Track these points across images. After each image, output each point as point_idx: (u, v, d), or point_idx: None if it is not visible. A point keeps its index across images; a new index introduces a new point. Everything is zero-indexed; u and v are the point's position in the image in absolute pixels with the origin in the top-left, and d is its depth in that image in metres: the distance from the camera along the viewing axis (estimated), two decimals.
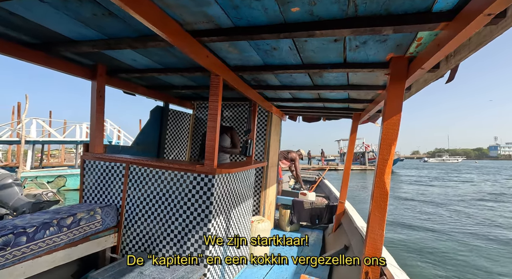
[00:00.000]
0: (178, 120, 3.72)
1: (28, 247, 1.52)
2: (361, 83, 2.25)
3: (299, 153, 6.04)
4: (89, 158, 2.32)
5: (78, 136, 13.04)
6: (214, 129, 1.91)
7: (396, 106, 1.54)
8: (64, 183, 11.05)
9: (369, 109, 2.89)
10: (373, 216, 1.54)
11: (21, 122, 11.45)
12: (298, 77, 2.28)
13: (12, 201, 3.40)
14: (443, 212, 8.92)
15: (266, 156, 3.52)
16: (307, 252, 3.15)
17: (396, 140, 1.55)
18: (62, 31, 1.65)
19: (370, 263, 1.52)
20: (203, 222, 1.90)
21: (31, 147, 12.12)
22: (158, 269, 1.76)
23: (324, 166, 27.60)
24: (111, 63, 2.28)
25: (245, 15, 1.31)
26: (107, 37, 1.69)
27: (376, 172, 1.55)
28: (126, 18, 1.43)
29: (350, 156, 3.51)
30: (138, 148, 3.12)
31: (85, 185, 2.34)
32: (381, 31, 1.19)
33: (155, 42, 1.63)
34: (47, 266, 1.64)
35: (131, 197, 2.14)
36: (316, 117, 4.21)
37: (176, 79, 2.72)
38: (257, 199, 3.46)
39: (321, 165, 28.28)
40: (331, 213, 3.78)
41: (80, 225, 1.84)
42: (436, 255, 5.01)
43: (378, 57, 1.64)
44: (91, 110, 2.36)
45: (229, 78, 2.08)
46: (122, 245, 2.14)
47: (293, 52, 1.72)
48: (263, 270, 2.58)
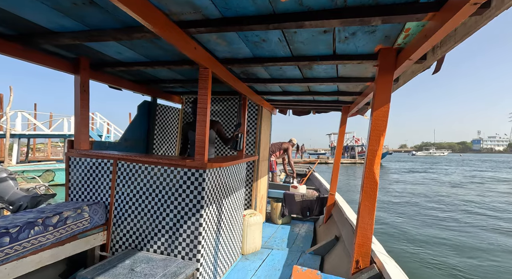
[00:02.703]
0: (166, 115, 3.65)
1: (11, 248, 1.46)
2: (350, 75, 2.26)
3: (292, 143, 6.07)
4: (75, 155, 2.25)
5: (66, 130, 12.63)
6: (204, 123, 1.88)
7: (384, 97, 1.56)
8: (52, 177, 10.75)
9: (358, 101, 2.92)
10: (363, 206, 1.57)
11: (5, 115, 11.01)
12: (288, 70, 2.27)
13: (8, 195, 3.31)
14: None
15: (257, 150, 3.52)
16: (299, 244, 3.19)
17: (385, 131, 1.57)
18: (40, 22, 1.57)
19: (361, 252, 1.55)
20: (194, 217, 1.88)
21: (17, 141, 11.68)
22: (149, 266, 1.74)
23: (313, 159, 27.94)
24: (94, 56, 2.19)
25: (234, 5, 1.27)
26: (89, 28, 1.62)
27: (366, 163, 1.57)
28: (109, 8, 1.37)
29: (340, 149, 3.56)
30: (126, 144, 3.04)
31: (71, 182, 2.27)
32: (370, 22, 1.19)
33: (140, 34, 1.57)
34: (33, 266, 1.59)
35: (120, 194, 2.10)
36: (306, 111, 4.22)
37: (163, 72, 2.65)
38: (249, 193, 3.47)
39: (308, 159, 28.64)
40: (321, 205, 3.84)
41: (67, 224, 1.79)
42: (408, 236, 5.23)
43: (367, 48, 1.64)
44: (75, 105, 2.28)
45: (218, 71, 2.04)
46: (111, 243, 2.10)
47: (282, 44, 1.70)
48: (255, 263, 2.60)
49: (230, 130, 3.64)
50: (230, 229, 2.41)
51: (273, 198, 4.15)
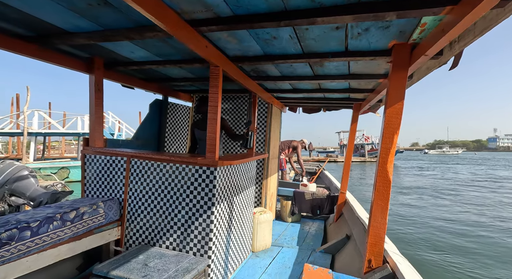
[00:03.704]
0: (177, 114, 3.69)
1: (32, 241, 1.52)
2: (362, 72, 2.22)
3: (302, 142, 6.05)
4: (90, 153, 2.31)
5: (80, 128, 13.01)
6: (215, 121, 1.89)
7: (398, 94, 1.53)
8: (67, 174, 11.12)
9: (370, 98, 2.87)
10: (376, 205, 1.55)
11: (23, 114, 11.45)
12: (299, 67, 2.25)
13: (29, 192, 3.47)
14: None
15: (267, 148, 3.51)
16: (309, 242, 3.18)
17: (399, 129, 1.54)
18: (56, 23, 1.61)
19: (373, 251, 1.53)
20: (205, 214, 1.90)
21: (34, 139, 12.13)
22: (162, 261, 1.77)
23: (322, 158, 27.69)
24: (108, 56, 2.24)
25: (245, 3, 1.27)
26: (103, 28, 1.65)
27: (379, 161, 1.55)
28: (123, 8, 1.39)
29: (351, 146, 3.51)
30: (138, 142, 3.10)
31: (87, 179, 2.34)
32: (384, 17, 1.17)
33: (153, 33, 1.59)
34: (52, 259, 1.65)
35: (133, 191, 2.15)
36: (316, 108, 4.18)
37: (174, 71, 2.68)
38: (259, 191, 3.48)
39: (317, 157, 28.39)
40: (332, 203, 3.80)
41: (83, 219, 1.85)
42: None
43: (380, 44, 1.61)
44: (90, 104, 2.33)
45: (229, 69, 2.05)
46: (125, 238, 2.16)
47: (293, 41, 1.69)
48: (265, 260, 2.61)
49: (240, 128, 3.65)
50: (240, 227, 2.43)
51: (283, 196, 4.15)
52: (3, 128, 13.17)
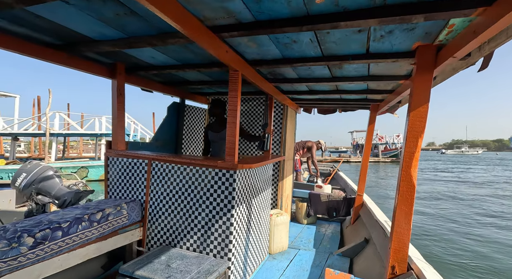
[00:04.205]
0: (194, 116, 3.75)
1: (63, 241, 1.60)
2: (382, 73, 2.18)
3: (318, 143, 6.01)
4: (113, 155, 2.39)
5: (97, 129, 13.47)
6: (234, 125, 1.92)
7: (423, 96, 1.49)
8: (86, 174, 11.54)
9: (389, 99, 2.81)
10: (399, 210, 1.52)
11: (45, 115, 12.00)
12: (316, 69, 2.24)
13: (54, 191, 3.64)
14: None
15: (282, 149, 3.51)
16: (326, 245, 3.15)
17: (423, 133, 1.50)
18: (84, 32, 1.68)
19: (397, 257, 1.50)
20: (225, 216, 1.93)
21: (55, 140, 12.68)
22: (184, 262, 1.81)
23: (336, 158, 27.31)
24: (129, 61, 2.31)
25: (267, 9, 1.28)
26: (128, 36, 1.71)
27: (402, 165, 1.52)
28: (147, 17, 1.43)
29: (368, 147, 3.46)
30: (157, 144, 3.18)
31: (110, 181, 2.42)
32: (411, 20, 1.14)
33: (175, 39, 1.63)
34: (81, 259, 1.73)
35: (154, 193, 2.20)
36: (331, 109, 4.14)
37: (192, 74, 2.72)
38: (274, 193, 3.48)
39: (329, 157, 27.99)
40: (348, 206, 3.75)
41: (109, 220, 1.92)
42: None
43: (403, 46, 1.57)
44: (112, 108, 2.41)
45: (247, 73, 2.06)
46: (147, 239, 2.22)
47: (313, 45, 1.68)
48: (283, 263, 2.61)
49: (255, 130, 3.66)
50: (258, 229, 2.44)
51: (298, 198, 4.13)
52: (26, 129, 13.85)
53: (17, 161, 12.45)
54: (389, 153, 31.72)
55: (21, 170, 3.85)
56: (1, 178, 10.22)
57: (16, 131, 13.42)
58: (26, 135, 14.55)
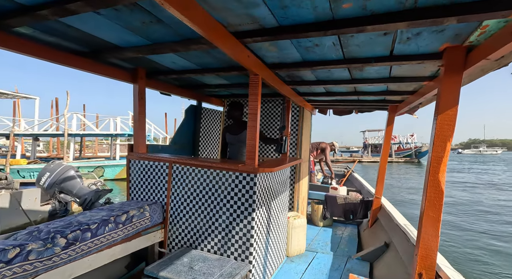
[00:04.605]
0: (210, 118, 3.79)
1: (92, 242, 1.65)
2: (404, 75, 2.13)
3: (332, 144, 5.95)
4: (134, 158, 2.45)
5: (112, 129, 13.86)
6: (255, 128, 1.92)
7: (452, 99, 1.44)
8: (102, 173, 11.89)
9: (410, 101, 2.74)
10: (427, 216, 1.48)
11: (63, 116, 12.48)
12: (336, 72, 2.21)
13: (76, 190, 3.78)
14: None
15: (299, 151, 3.50)
16: (343, 248, 3.12)
17: (452, 136, 1.46)
18: (110, 39, 1.73)
19: (424, 265, 1.47)
20: (246, 219, 1.94)
21: (73, 140, 13.14)
22: (206, 265, 1.84)
23: (347, 157, 26.90)
24: (150, 66, 2.36)
25: (292, 14, 1.28)
26: (152, 42, 1.74)
27: (430, 170, 1.48)
28: (173, 24, 1.46)
29: (387, 149, 3.39)
30: (176, 146, 3.24)
31: (131, 183, 2.48)
32: (443, 22, 1.11)
33: (197, 45, 1.66)
34: (108, 259, 1.78)
35: (175, 195, 2.24)
36: (347, 110, 4.08)
37: (210, 78, 2.75)
38: (291, 195, 3.47)
39: (341, 157, 27.58)
40: (366, 208, 3.69)
41: (133, 221, 1.97)
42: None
43: (430, 47, 1.53)
44: (134, 112, 2.48)
45: (266, 76, 2.07)
46: (168, 240, 2.26)
47: (335, 48, 1.66)
48: (301, 266, 2.60)
49: (271, 132, 3.67)
50: (276, 231, 2.44)
51: (313, 200, 4.10)
52: (46, 130, 14.43)
53: (38, 160, 12.99)
54: (403, 153, 30.93)
55: (45, 170, 4.02)
56: (23, 177, 10.66)
57: (37, 131, 14.01)
58: (46, 136, 15.16)
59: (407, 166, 24.81)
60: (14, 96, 16.74)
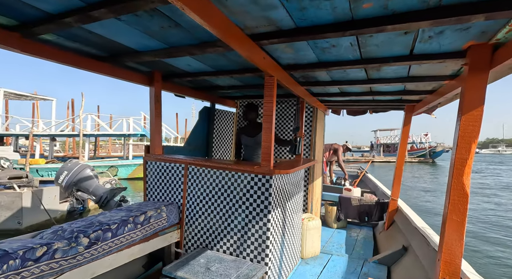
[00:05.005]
0: (223, 119, 3.82)
1: (113, 242, 1.70)
2: (423, 74, 2.07)
3: (344, 146, 5.89)
4: (151, 159, 2.50)
5: (125, 130, 14.19)
6: (270, 130, 1.92)
7: (477, 98, 1.39)
8: (116, 172, 12.18)
9: (428, 100, 2.66)
10: (450, 220, 1.43)
11: (79, 117, 12.92)
12: (352, 72, 2.18)
13: (92, 188, 3.90)
14: None
15: (312, 152, 3.46)
16: (359, 251, 3.06)
17: (477, 138, 1.41)
18: (129, 44, 1.77)
19: (448, 270, 1.42)
20: (262, 221, 1.94)
21: (87, 140, 13.57)
22: (223, 266, 1.85)
23: (360, 157, 26.43)
24: (166, 69, 2.40)
25: (310, 16, 1.27)
26: (169, 46, 1.77)
27: (453, 173, 1.43)
28: (190, 28, 1.48)
29: (403, 149, 3.31)
30: (190, 148, 3.28)
31: (148, 184, 2.53)
32: (470, 20, 1.07)
33: (214, 48, 1.67)
34: (127, 258, 1.82)
35: (191, 196, 2.27)
36: (361, 110, 4.01)
37: (224, 80, 2.77)
38: (305, 196, 3.44)
39: (352, 157, 27.08)
40: (382, 210, 3.62)
41: (150, 222, 2.01)
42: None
43: (453, 46, 1.48)
44: (150, 115, 2.53)
45: (281, 77, 2.06)
46: (184, 241, 2.29)
47: (353, 48, 1.64)
48: (316, 268, 2.58)
49: (285, 133, 3.66)
50: (291, 233, 2.43)
51: (327, 201, 4.06)
52: (62, 130, 14.97)
53: (55, 160, 13.47)
54: (416, 153, 30.09)
55: (63, 169, 4.16)
56: (42, 175, 11.05)
57: (54, 132, 14.55)
58: (62, 136, 15.71)
59: (421, 166, 24.09)
60: (33, 98, 17.49)
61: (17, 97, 16.69)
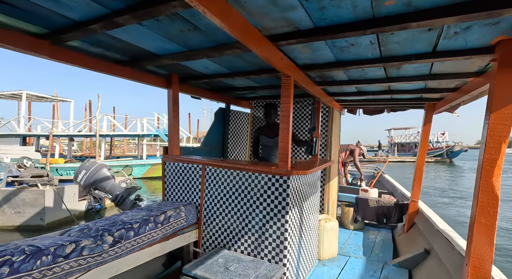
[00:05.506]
0: (238, 120, 3.84)
1: (135, 240, 1.75)
2: (446, 71, 2.00)
3: (360, 147, 5.81)
4: (169, 160, 2.55)
5: (139, 130, 14.57)
6: (287, 131, 1.91)
7: (507, 96, 1.32)
8: (130, 172, 12.51)
9: (451, 98, 2.56)
10: (478, 224, 1.37)
11: (95, 118, 13.40)
12: (370, 71, 2.14)
13: (109, 187, 4.03)
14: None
15: (328, 153, 3.42)
16: (378, 253, 2.99)
17: (508, 137, 1.34)
18: (149, 48, 1.82)
19: (477, 276, 1.36)
20: (280, 222, 1.94)
21: (103, 140, 14.05)
22: (241, 266, 1.86)
23: (373, 157, 25.78)
24: (183, 72, 2.44)
25: (330, 15, 1.26)
26: (187, 49, 1.81)
27: (481, 174, 1.37)
28: (209, 31, 1.50)
29: (424, 149, 3.20)
30: (206, 148, 3.32)
31: (167, 184, 2.59)
32: (501, 14, 1.03)
33: (231, 50, 1.69)
34: (148, 257, 1.87)
35: (208, 196, 2.30)
36: (379, 109, 3.92)
37: (240, 81, 2.79)
38: (321, 197, 3.40)
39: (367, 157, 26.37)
40: (401, 212, 3.51)
41: (170, 221, 2.05)
42: None
43: (481, 42, 1.42)
44: (168, 117, 2.58)
45: (298, 78, 2.05)
46: (202, 240, 2.32)
47: (373, 47, 1.60)
48: (334, 270, 2.54)
49: (301, 133, 3.63)
50: (308, 234, 2.41)
51: (343, 202, 3.99)
52: (80, 130, 15.59)
53: (73, 159, 14.02)
54: (433, 152, 28.98)
55: (81, 168, 4.32)
56: (61, 174, 11.49)
57: (72, 132, 15.17)
58: (80, 136, 16.36)
59: (437, 166, 23.15)
60: (53, 99, 18.33)
61: (38, 99, 17.59)
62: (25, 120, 15.81)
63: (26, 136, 15.50)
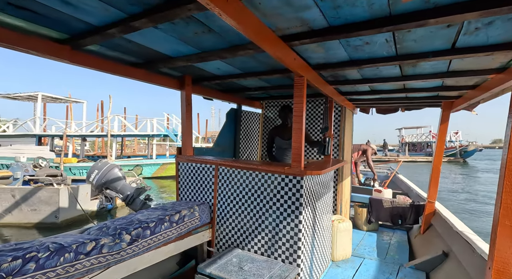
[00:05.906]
0: (249, 121, 3.85)
1: (151, 239, 1.78)
2: (466, 68, 1.94)
3: (370, 144, 5.70)
4: (183, 160, 2.59)
5: (149, 130, 14.83)
6: (300, 131, 1.91)
7: None
8: (140, 171, 12.72)
9: (469, 96, 2.48)
10: (502, 226, 1.32)
11: (107, 119, 13.76)
12: (385, 69, 2.10)
13: (120, 187, 4.13)
14: None
15: (341, 153, 3.38)
16: (393, 255, 2.93)
17: None
18: (164, 51, 1.85)
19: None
20: (293, 222, 1.93)
21: (115, 140, 14.38)
22: (255, 266, 1.86)
23: (383, 156, 25.24)
24: (196, 73, 2.48)
25: (345, 14, 1.24)
26: (201, 51, 1.83)
27: (505, 174, 1.32)
28: (222, 33, 1.52)
29: (441, 148, 3.11)
30: (218, 149, 3.35)
31: (180, 184, 2.63)
32: None
33: (244, 51, 1.70)
34: (163, 255, 1.91)
35: (221, 196, 2.32)
36: (393, 108, 3.83)
37: (251, 81, 2.80)
38: (334, 198, 3.37)
39: (376, 156, 25.81)
40: (417, 213, 3.43)
41: (184, 221, 2.08)
42: None
43: (503, 37, 1.37)
44: (182, 118, 2.62)
45: (311, 77, 2.04)
46: (216, 240, 2.35)
47: (388, 44, 1.57)
48: (348, 272, 2.51)
49: (313, 132, 3.61)
50: (322, 235, 2.39)
51: (356, 203, 3.93)
52: (92, 131, 16.03)
53: (86, 159, 14.39)
54: (446, 152, 28.05)
55: (93, 168, 4.44)
56: (74, 174, 11.79)
57: (84, 133, 15.61)
58: (92, 137, 16.79)
59: (450, 166, 22.34)
60: (67, 100, 18.93)
61: (53, 100, 18.21)
62: (40, 121, 16.39)
63: (41, 136, 16.03)
